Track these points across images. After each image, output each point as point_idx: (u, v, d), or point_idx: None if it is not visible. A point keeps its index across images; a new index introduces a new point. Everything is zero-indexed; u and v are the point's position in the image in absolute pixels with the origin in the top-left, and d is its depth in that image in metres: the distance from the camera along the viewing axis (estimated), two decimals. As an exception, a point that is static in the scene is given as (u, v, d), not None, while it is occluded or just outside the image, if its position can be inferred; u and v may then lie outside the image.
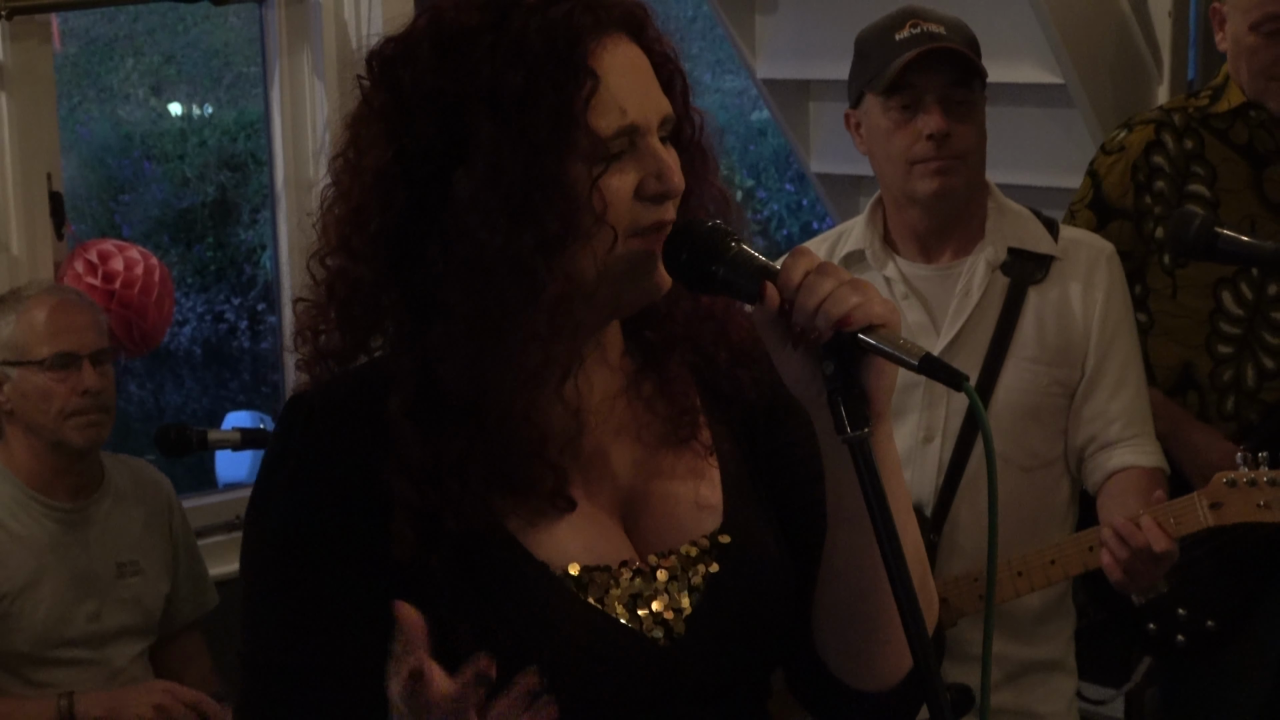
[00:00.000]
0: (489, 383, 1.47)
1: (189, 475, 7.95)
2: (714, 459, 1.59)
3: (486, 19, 1.47)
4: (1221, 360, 3.18)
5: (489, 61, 1.45)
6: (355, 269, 1.50)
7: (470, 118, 1.45)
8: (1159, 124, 3.19)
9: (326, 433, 1.51)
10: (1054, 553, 2.60)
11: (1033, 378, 2.64)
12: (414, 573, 1.47)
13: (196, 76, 12.54)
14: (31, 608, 2.98)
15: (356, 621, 1.46)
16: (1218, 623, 3.08)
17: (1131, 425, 2.67)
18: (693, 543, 1.56)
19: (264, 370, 11.81)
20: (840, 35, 4.08)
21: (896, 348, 1.39)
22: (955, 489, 2.65)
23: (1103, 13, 3.78)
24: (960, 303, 2.65)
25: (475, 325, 1.46)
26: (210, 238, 12.32)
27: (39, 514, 3.04)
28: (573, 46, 1.45)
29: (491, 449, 1.49)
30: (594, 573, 1.51)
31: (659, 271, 1.49)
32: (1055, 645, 2.75)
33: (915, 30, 2.59)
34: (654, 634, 1.52)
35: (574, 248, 1.46)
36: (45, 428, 3.01)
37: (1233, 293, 3.16)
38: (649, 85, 1.50)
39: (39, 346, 3.00)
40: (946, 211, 2.64)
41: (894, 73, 2.56)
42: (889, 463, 1.48)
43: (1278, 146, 3.20)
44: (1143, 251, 3.15)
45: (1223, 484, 2.55)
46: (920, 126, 2.57)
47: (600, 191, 1.45)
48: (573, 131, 1.44)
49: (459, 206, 1.46)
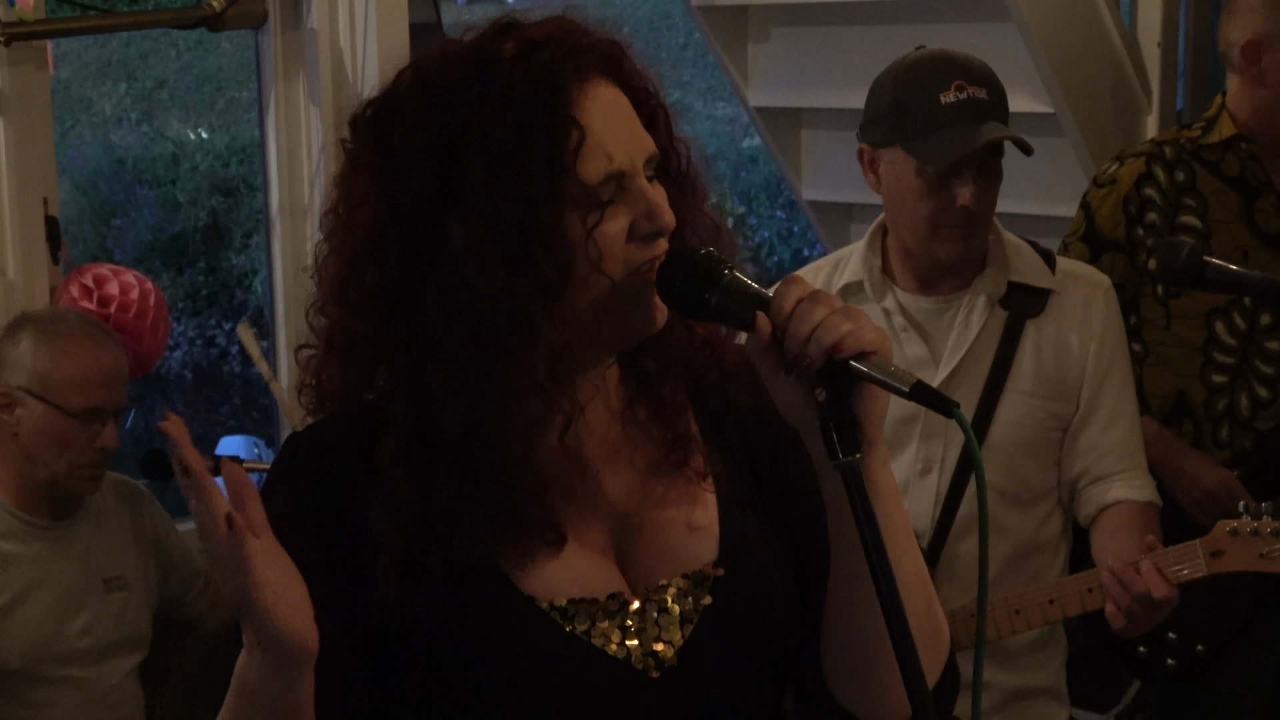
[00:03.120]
0: (488, 427, 1.49)
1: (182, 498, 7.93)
2: (709, 484, 1.60)
3: (469, 73, 1.49)
4: (1215, 389, 3.20)
5: (477, 113, 1.47)
6: (353, 322, 1.52)
7: (462, 168, 1.47)
8: (1150, 157, 3.20)
9: (317, 470, 1.53)
10: (1052, 592, 2.61)
11: (1029, 412, 2.65)
12: (397, 612, 1.49)
13: (189, 101, 12.54)
14: (21, 625, 2.98)
15: (335, 656, 1.45)
16: (1208, 647, 3.09)
17: (1125, 459, 2.68)
18: (685, 575, 1.56)
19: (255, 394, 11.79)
20: (832, 64, 4.13)
21: (888, 375, 1.40)
22: (952, 521, 2.65)
23: (1093, 43, 3.81)
24: (959, 336, 2.66)
25: (474, 371, 1.47)
26: (202, 262, 12.30)
27: (24, 532, 3.03)
28: (556, 96, 1.47)
29: (488, 490, 1.49)
30: (581, 605, 1.52)
31: (655, 304, 1.51)
32: (1047, 673, 2.76)
33: (961, 96, 2.55)
34: (644, 666, 1.52)
35: (571, 293, 1.47)
36: (49, 466, 3.00)
37: (1226, 323, 3.18)
38: (631, 126, 1.51)
39: (73, 395, 2.97)
40: (977, 251, 2.66)
41: (942, 150, 2.53)
42: (885, 488, 1.49)
43: (1269, 178, 3.22)
44: (1136, 283, 3.17)
45: (1225, 532, 2.56)
46: (955, 196, 2.55)
47: (595, 240, 1.47)
48: (564, 181, 1.46)
49: (455, 254, 1.48)
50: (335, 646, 1.44)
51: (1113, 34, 3.84)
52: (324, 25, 3.75)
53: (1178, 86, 4.06)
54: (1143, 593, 2.48)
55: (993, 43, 3.80)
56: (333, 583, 1.46)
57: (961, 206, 2.55)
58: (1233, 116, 3.20)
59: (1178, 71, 4.05)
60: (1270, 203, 3.22)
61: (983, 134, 2.53)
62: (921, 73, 2.59)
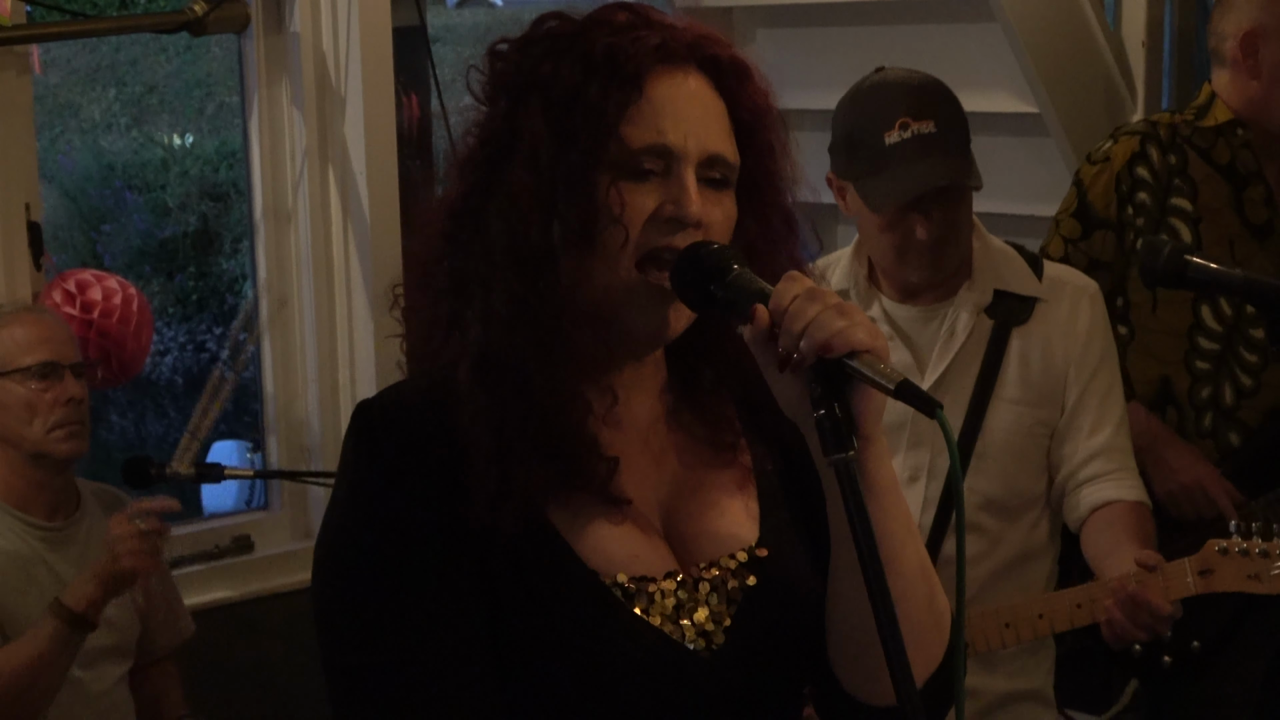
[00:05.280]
0: (529, 359, 1.50)
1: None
2: (752, 479, 1.62)
3: (575, 28, 1.55)
4: (1199, 377, 3.19)
5: (554, 59, 1.52)
6: (423, 248, 1.58)
7: (526, 109, 1.52)
8: (1144, 136, 3.19)
9: (399, 427, 1.53)
10: (1042, 607, 2.61)
11: (1016, 419, 2.65)
12: (479, 554, 1.50)
13: (178, 106, 12.54)
14: (19, 625, 2.97)
15: (460, 611, 1.49)
16: (1203, 644, 3.08)
17: (1111, 460, 2.67)
18: (731, 555, 1.58)
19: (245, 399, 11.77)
20: (818, 65, 4.12)
21: (876, 373, 1.41)
22: (945, 528, 2.65)
23: (1077, 42, 3.81)
24: (944, 345, 2.66)
25: (512, 306, 1.50)
26: (192, 267, 12.30)
27: (20, 531, 3.04)
28: (631, 62, 1.51)
29: (542, 422, 1.50)
30: (641, 583, 1.54)
31: (673, 306, 1.53)
32: (1034, 677, 2.75)
33: (905, 134, 2.53)
34: (696, 645, 1.54)
35: (594, 258, 1.50)
36: (27, 440, 3.02)
37: (1212, 308, 3.17)
38: (703, 119, 1.54)
39: (22, 356, 3.03)
40: (947, 273, 2.65)
41: (887, 192, 2.53)
42: (884, 483, 1.51)
43: (1259, 168, 3.21)
44: (1124, 264, 3.16)
45: (1214, 551, 2.56)
46: (914, 230, 2.56)
47: (619, 196, 1.50)
48: (606, 137, 1.50)
49: (504, 195, 1.52)
50: (460, 603, 1.48)
51: (1097, 34, 3.84)
52: (307, 29, 3.75)
53: (1163, 86, 4.05)
54: (1147, 623, 2.49)
55: (977, 43, 3.81)
56: (443, 536, 1.48)
57: (920, 240, 2.55)
58: (1226, 105, 3.20)
59: (1163, 71, 4.05)
60: (1259, 193, 3.21)
61: (926, 176, 2.52)
62: (869, 106, 2.59)
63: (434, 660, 1.48)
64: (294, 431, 3.93)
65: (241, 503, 5.70)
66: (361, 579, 1.51)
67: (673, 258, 1.51)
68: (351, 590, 1.51)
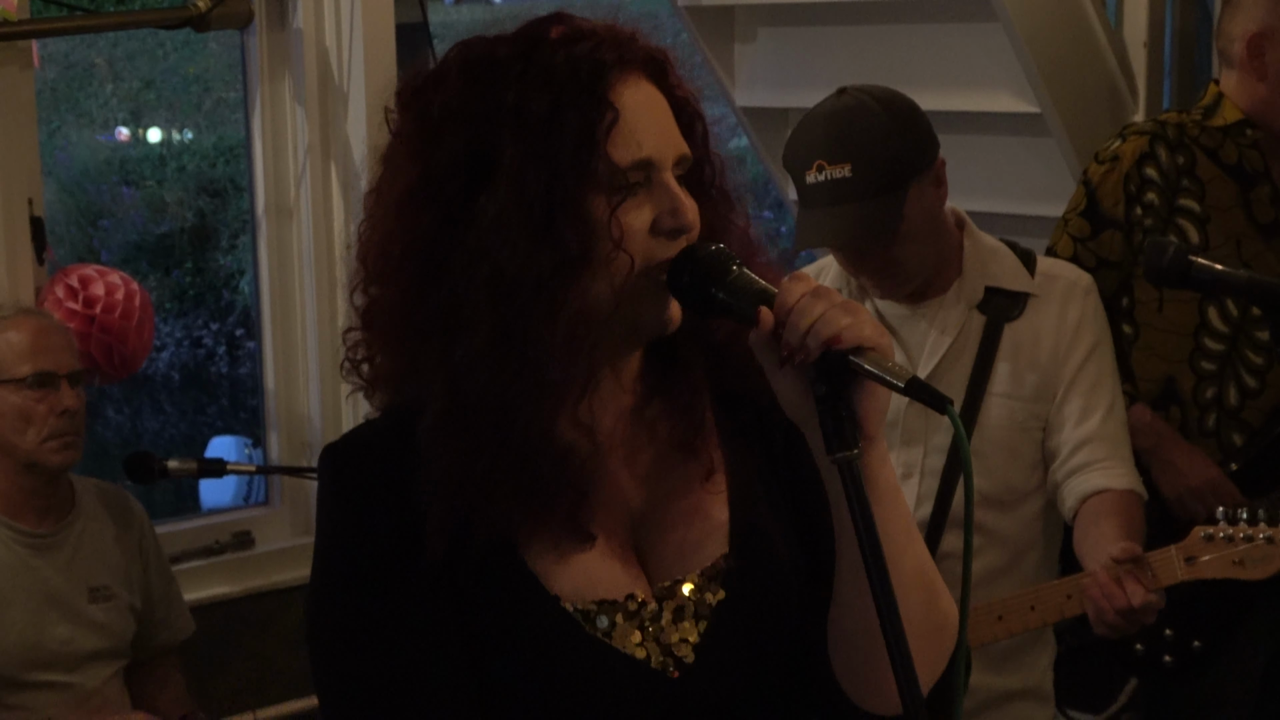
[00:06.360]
0: (512, 397, 1.50)
1: (174, 499, 7.94)
2: (720, 476, 1.61)
3: (515, 50, 1.53)
4: (1205, 377, 3.19)
5: (516, 86, 1.50)
6: (385, 294, 1.54)
7: (496, 138, 1.50)
8: (1153, 136, 3.19)
9: (363, 466, 1.54)
10: (1033, 598, 2.61)
11: (1010, 415, 2.65)
12: (447, 581, 1.51)
13: (176, 102, 12.53)
14: (2, 632, 2.97)
15: (427, 634, 1.51)
16: (1204, 643, 3.09)
17: (1102, 448, 2.65)
18: (700, 571, 1.57)
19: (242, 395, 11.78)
20: (819, 64, 4.12)
21: (884, 370, 1.41)
22: (943, 525, 2.65)
23: (1078, 43, 3.81)
24: (936, 341, 2.66)
25: (497, 341, 1.49)
26: (189, 263, 12.30)
27: (6, 538, 3.03)
28: (596, 78, 1.50)
29: (514, 461, 1.50)
30: (605, 606, 1.53)
31: (668, 305, 1.53)
32: (1032, 674, 2.75)
33: (820, 177, 2.52)
34: (664, 666, 1.54)
35: (591, 272, 1.49)
36: (20, 449, 3.01)
37: (1219, 308, 3.17)
38: (666, 125, 1.54)
39: (19, 365, 3.01)
40: (909, 288, 2.66)
41: (801, 232, 2.57)
42: (884, 484, 1.50)
43: (1267, 168, 3.22)
44: (1131, 263, 3.16)
45: (1200, 538, 2.56)
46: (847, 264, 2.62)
47: (618, 221, 1.49)
48: (593, 159, 1.49)
49: (483, 226, 1.49)
50: (427, 627, 1.50)
51: (1099, 34, 3.84)
52: (309, 25, 3.75)
53: (1164, 86, 4.06)
54: (1123, 607, 2.48)
55: (978, 43, 3.81)
56: (406, 564, 1.50)
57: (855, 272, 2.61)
58: (1234, 105, 3.20)
59: (1164, 71, 4.05)
60: (1266, 193, 3.22)
61: (834, 231, 2.54)
62: (796, 140, 2.60)
63: (418, 677, 1.50)
64: (295, 427, 3.93)
65: (239, 499, 5.71)
66: (345, 609, 1.53)
67: (668, 265, 1.52)
68: (337, 624, 1.53)
